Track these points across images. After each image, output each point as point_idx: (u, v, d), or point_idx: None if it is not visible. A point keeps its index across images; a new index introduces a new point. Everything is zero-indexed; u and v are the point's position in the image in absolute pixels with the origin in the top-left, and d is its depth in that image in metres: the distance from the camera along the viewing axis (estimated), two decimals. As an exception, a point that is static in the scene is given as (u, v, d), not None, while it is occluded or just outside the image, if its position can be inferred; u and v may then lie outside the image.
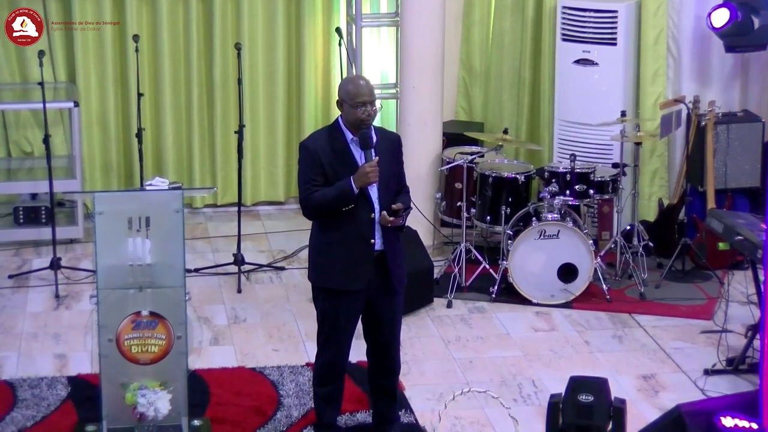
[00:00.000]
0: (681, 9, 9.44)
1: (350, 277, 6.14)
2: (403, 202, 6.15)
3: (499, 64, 10.10)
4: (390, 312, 6.30)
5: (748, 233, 7.03)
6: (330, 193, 6.03)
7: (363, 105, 6.00)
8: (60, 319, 8.14)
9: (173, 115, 10.11)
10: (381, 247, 6.14)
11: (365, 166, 6.00)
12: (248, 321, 8.17)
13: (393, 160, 6.18)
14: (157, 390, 6.23)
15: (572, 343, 7.89)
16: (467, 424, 6.77)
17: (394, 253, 6.20)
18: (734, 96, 9.56)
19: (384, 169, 6.08)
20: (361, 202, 6.07)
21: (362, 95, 6.01)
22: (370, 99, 6.00)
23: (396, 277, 6.21)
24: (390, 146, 6.19)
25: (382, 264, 6.16)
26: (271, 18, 10.10)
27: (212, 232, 9.89)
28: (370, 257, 6.12)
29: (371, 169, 5.99)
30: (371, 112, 6.02)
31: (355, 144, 6.08)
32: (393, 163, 6.18)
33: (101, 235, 6.19)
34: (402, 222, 6.15)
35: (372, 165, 5.99)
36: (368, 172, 5.99)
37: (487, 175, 8.77)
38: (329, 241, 6.16)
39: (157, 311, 6.27)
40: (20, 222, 9.47)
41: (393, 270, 6.19)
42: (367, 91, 6.01)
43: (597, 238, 9.00)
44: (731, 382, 7.28)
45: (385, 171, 6.09)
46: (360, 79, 6.24)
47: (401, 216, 6.10)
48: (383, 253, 6.15)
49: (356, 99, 5.99)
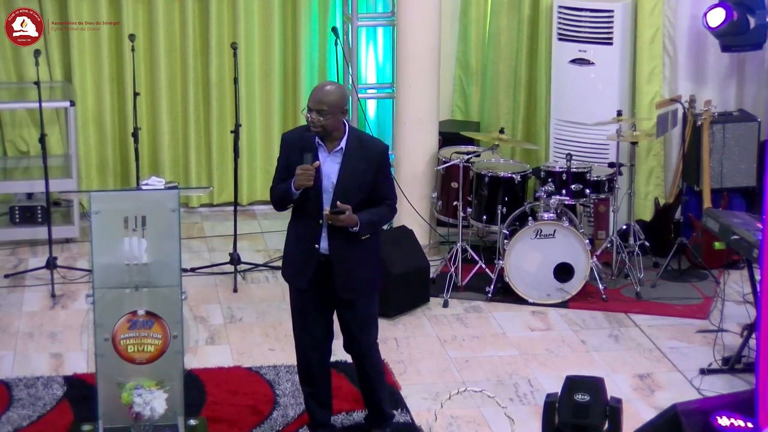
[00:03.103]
0: (677, 8, 9.44)
1: (296, 275, 6.26)
2: (371, 213, 6.10)
3: (496, 64, 10.11)
4: (351, 320, 6.28)
5: (744, 232, 7.04)
6: (281, 189, 6.16)
7: (309, 110, 6.07)
8: (56, 319, 8.13)
9: (169, 115, 10.10)
10: (327, 252, 6.14)
11: (298, 168, 6.05)
12: (244, 320, 8.17)
13: (367, 170, 6.12)
14: (153, 389, 6.23)
15: (568, 343, 7.90)
16: (463, 423, 6.77)
17: (343, 260, 6.15)
18: (730, 95, 9.57)
19: (348, 175, 6.09)
20: (311, 205, 6.11)
21: (310, 100, 6.09)
22: (315, 107, 6.02)
23: (341, 285, 6.16)
24: (367, 155, 6.13)
25: (328, 269, 6.16)
26: (268, 17, 10.09)
27: (208, 231, 9.89)
28: (311, 259, 6.16)
29: (301, 171, 6.02)
30: (314, 119, 6.03)
31: (322, 147, 6.12)
32: (366, 172, 6.12)
33: (97, 234, 6.18)
34: (354, 228, 6.05)
35: (304, 168, 6.02)
36: (299, 174, 6.02)
37: (484, 174, 8.78)
38: (288, 236, 6.29)
39: (153, 311, 6.27)
40: (16, 221, 9.46)
41: (337, 277, 6.15)
42: (314, 98, 6.06)
43: (593, 238, 9.01)
44: (727, 382, 7.29)
45: (351, 178, 6.09)
46: (325, 84, 6.21)
47: (341, 215, 6.01)
48: (329, 258, 6.15)
49: (308, 103, 6.10)
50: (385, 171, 6.22)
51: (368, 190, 6.14)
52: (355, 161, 6.11)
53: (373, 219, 6.14)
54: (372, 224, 6.14)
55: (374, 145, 6.22)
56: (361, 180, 6.11)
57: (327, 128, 6.05)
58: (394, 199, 6.30)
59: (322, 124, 6.03)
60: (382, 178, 6.19)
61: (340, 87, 6.25)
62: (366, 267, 6.22)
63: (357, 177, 6.10)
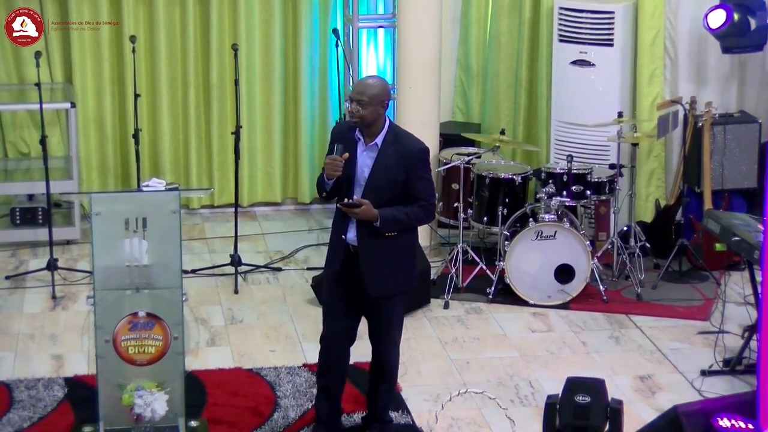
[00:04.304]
0: (678, 10, 9.44)
1: (328, 263, 6.39)
2: (397, 210, 6.12)
3: (496, 65, 10.10)
4: (374, 315, 6.34)
5: (744, 234, 7.04)
6: (320, 177, 6.27)
7: (351, 100, 6.17)
8: (57, 320, 8.13)
9: (170, 116, 10.10)
10: (355, 243, 6.20)
11: (327, 158, 6.17)
12: (245, 322, 8.17)
13: (399, 167, 6.13)
14: (154, 391, 6.23)
15: (569, 344, 7.90)
16: (464, 425, 6.77)
17: (370, 254, 6.19)
18: (731, 97, 9.57)
19: (381, 171, 6.12)
20: (343, 195, 6.21)
21: (352, 91, 6.21)
22: (355, 97, 6.11)
23: (368, 279, 6.19)
24: (400, 153, 6.15)
25: (356, 262, 6.22)
26: (268, 19, 10.09)
27: (209, 233, 9.89)
28: (339, 249, 6.26)
29: (329, 161, 6.12)
30: (353, 109, 6.11)
31: (360, 140, 6.19)
32: (398, 170, 6.13)
33: (98, 235, 6.18)
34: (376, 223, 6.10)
35: (332, 158, 6.12)
36: (326, 164, 6.14)
37: (484, 175, 8.77)
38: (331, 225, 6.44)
39: (154, 312, 6.27)
40: (17, 223, 9.46)
41: (364, 271, 6.19)
42: (356, 89, 6.16)
43: (594, 239, 9.01)
44: (728, 383, 7.29)
45: (383, 174, 6.13)
46: (368, 77, 6.37)
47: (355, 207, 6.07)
48: (357, 250, 6.21)
49: (350, 93, 6.19)
50: (418, 171, 6.19)
51: (401, 188, 6.16)
52: (389, 158, 6.14)
53: (399, 217, 6.14)
54: (397, 221, 6.14)
55: (409, 144, 6.22)
56: (392, 177, 6.14)
57: (365, 119, 6.10)
58: (430, 200, 6.25)
59: (360, 115, 6.09)
60: (414, 177, 6.17)
61: (382, 81, 6.30)
62: (393, 265, 6.24)
63: (389, 174, 6.13)
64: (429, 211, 6.26)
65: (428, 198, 6.23)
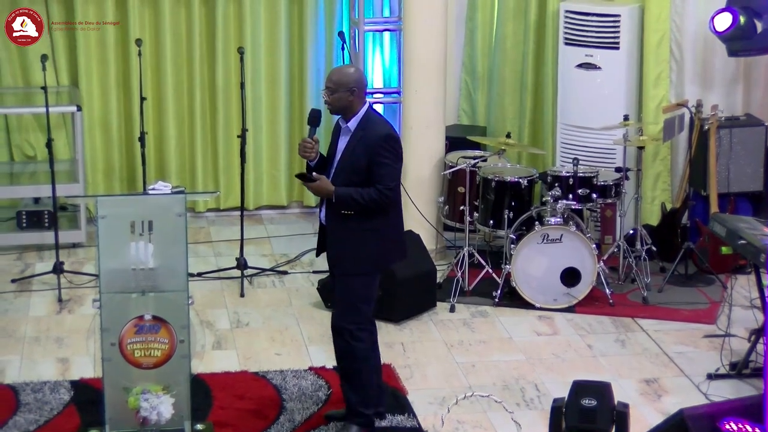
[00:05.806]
0: (684, 13, 9.44)
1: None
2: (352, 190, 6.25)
3: (502, 68, 10.10)
4: (337, 291, 6.54)
5: (751, 237, 7.03)
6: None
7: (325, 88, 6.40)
8: (63, 323, 8.14)
9: (176, 119, 10.11)
10: (324, 221, 6.46)
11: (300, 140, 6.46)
12: (251, 325, 8.17)
13: (362, 153, 6.29)
14: (159, 394, 6.24)
15: (575, 347, 7.89)
16: (470, 428, 6.77)
17: (334, 232, 6.39)
18: (737, 100, 9.56)
19: (348, 156, 6.33)
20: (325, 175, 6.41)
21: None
22: (325, 83, 6.36)
23: (329, 255, 6.46)
24: (366, 139, 6.30)
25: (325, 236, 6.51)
26: (274, 22, 10.10)
27: (215, 236, 9.89)
28: (318, 224, 6.58)
29: (300, 143, 6.40)
30: (324, 96, 6.33)
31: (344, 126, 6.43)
32: (361, 156, 6.29)
33: (104, 239, 6.19)
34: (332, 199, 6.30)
35: (304, 140, 6.38)
36: (299, 145, 6.41)
37: (490, 179, 8.77)
38: None
39: (160, 315, 6.27)
40: (23, 226, 9.47)
41: (328, 247, 6.46)
42: (327, 76, 6.40)
43: (600, 242, 9.00)
44: (734, 387, 7.28)
45: (349, 159, 6.33)
46: (341, 66, 6.66)
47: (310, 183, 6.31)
48: (326, 228, 6.46)
49: None
50: (379, 157, 6.28)
51: (364, 172, 6.29)
52: (356, 143, 6.33)
53: (354, 196, 6.28)
54: (352, 199, 6.28)
55: (374, 131, 6.33)
56: (355, 161, 6.31)
57: (333, 105, 6.33)
58: (386, 185, 6.29)
59: (326, 100, 6.33)
60: (375, 162, 6.29)
61: (351, 68, 6.50)
62: (354, 245, 6.36)
63: (353, 158, 6.32)
64: (384, 194, 6.31)
65: (385, 183, 6.30)
